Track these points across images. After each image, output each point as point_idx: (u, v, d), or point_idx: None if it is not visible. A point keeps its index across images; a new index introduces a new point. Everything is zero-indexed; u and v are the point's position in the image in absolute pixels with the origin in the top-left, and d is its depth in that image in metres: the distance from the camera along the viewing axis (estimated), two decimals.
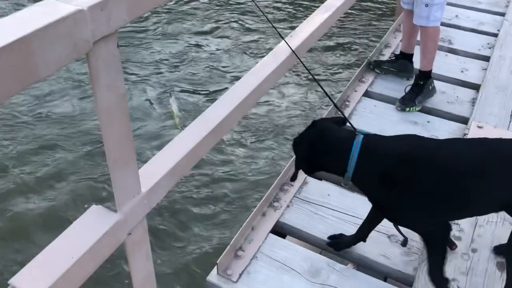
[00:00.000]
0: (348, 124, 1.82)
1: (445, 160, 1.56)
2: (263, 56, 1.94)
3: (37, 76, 0.82)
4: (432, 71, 2.91)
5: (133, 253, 1.27)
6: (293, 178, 1.82)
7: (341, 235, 2.08)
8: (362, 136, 1.62)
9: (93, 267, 1.12)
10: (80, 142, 3.98)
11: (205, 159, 3.58)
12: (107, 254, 1.15)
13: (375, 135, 1.67)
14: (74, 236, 1.11)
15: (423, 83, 2.89)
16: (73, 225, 1.13)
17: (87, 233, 1.11)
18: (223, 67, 5.11)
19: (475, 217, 2.12)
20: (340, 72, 5.06)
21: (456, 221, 2.11)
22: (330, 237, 2.09)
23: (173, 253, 2.93)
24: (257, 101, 1.78)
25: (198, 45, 5.49)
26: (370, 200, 1.73)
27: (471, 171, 1.55)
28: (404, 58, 3.14)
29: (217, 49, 5.43)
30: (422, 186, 1.56)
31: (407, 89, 2.94)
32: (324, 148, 1.66)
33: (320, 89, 2.09)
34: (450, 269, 1.90)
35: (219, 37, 5.68)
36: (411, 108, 2.89)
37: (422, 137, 1.67)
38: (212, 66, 5.10)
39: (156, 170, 1.30)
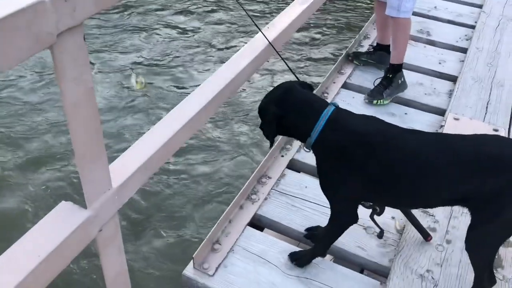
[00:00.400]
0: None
1: (396, 149, 1.57)
2: (239, 48, 1.91)
3: None
4: (411, 63, 2.92)
5: (104, 249, 1.25)
6: (271, 146, 1.79)
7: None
8: (334, 107, 1.64)
9: (62, 265, 1.09)
10: (49, 133, 3.88)
11: (180, 150, 3.53)
12: (77, 251, 1.13)
13: (345, 110, 1.69)
14: (42, 233, 1.08)
15: (391, 76, 2.86)
16: (40, 222, 1.10)
17: (55, 230, 1.08)
18: (200, 59, 5.05)
19: (450, 208, 2.15)
20: (319, 64, 5.05)
21: (431, 213, 2.13)
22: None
23: (148, 247, 2.90)
24: (232, 94, 1.76)
25: (171, 36, 5.40)
26: (318, 170, 1.73)
27: (418, 163, 1.55)
28: (382, 49, 3.14)
29: (194, 40, 5.36)
30: (366, 167, 1.58)
31: (376, 82, 2.92)
32: (293, 107, 1.64)
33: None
34: (425, 260, 1.93)
35: (194, 28, 5.60)
36: (379, 101, 2.87)
37: (387, 124, 1.66)
38: (187, 58, 5.03)
39: (128, 165, 1.27)
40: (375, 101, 2.87)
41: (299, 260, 1.94)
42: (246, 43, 1.95)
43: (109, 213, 1.21)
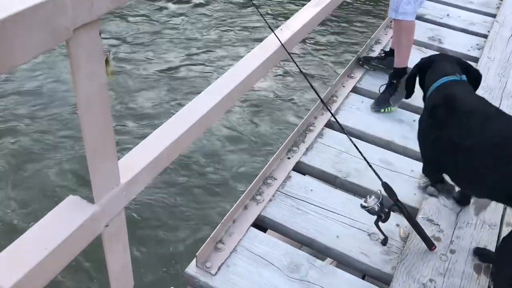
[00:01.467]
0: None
1: (480, 128, 1.71)
2: (252, 49, 1.91)
3: (13, 63, 0.79)
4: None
5: (110, 244, 1.25)
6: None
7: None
8: (454, 78, 1.92)
9: (68, 259, 1.09)
10: (60, 127, 3.90)
11: (188, 149, 3.54)
12: (83, 245, 1.13)
13: (462, 82, 1.93)
14: (49, 226, 1.08)
15: (396, 82, 2.81)
16: (48, 215, 1.10)
17: (62, 224, 1.08)
18: (210, 59, 5.05)
19: (455, 218, 2.14)
20: (330, 67, 5.04)
21: (436, 221, 2.12)
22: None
23: (152, 244, 2.90)
24: (243, 94, 1.76)
25: (182, 38, 5.40)
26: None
27: (499, 150, 1.65)
28: (393, 55, 3.12)
29: (206, 40, 5.36)
30: (446, 130, 1.79)
31: (381, 89, 2.89)
32: (431, 68, 2.03)
33: (307, 83, 2.07)
34: (428, 270, 1.92)
35: (207, 28, 5.60)
36: (386, 109, 2.83)
37: (488, 103, 1.83)
38: (199, 58, 5.04)
39: (137, 162, 1.27)
40: (382, 110, 2.84)
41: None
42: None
43: (116, 209, 1.21)
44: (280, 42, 1.93)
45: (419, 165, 2.43)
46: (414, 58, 2.62)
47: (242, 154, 3.79)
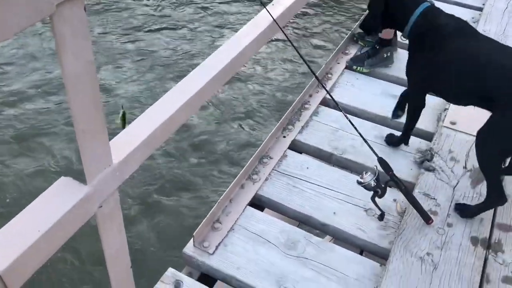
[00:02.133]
0: None
1: (463, 46, 1.89)
2: (243, 26, 1.87)
3: None
4: None
5: (104, 226, 1.24)
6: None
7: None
8: (428, 4, 2.00)
9: (61, 240, 1.08)
10: (50, 109, 3.86)
11: (182, 127, 3.51)
12: (77, 227, 1.12)
13: (437, 8, 2.03)
14: (41, 208, 1.07)
15: (378, 48, 2.93)
16: (40, 197, 1.08)
17: (55, 205, 1.07)
18: (201, 36, 4.99)
19: (452, 192, 2.14)
20: (323, 44, 4.99)
21: (432, 196, 2.12)
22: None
23: (148, 225, 2.90)
24: (236, 71, 1.73)
25: (172, 14, 5.33)
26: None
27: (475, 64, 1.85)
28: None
29: (195, 15, 5.28)
30: (436, 54, 1.93)
31: (363, 50, 3.03)
32: (396, 5, 2.05)
33: (302, 60, 2.05)
34: (425, 243, 1.93)
35: (195, 4, 5.51)
36: (358, 68, 2.95)
37: (469, 25, 1.98)
38: (187, 35, 4.97)
39: (129, 141, 1.25)
40: (355, 67, 2.96)
41: (390, 139, 2.42)
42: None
43: (109, 189, 1.19)
44: (273, 17, 1.89)
45: (415, 141, 2.43)
46: None
47: (237, 134, 3.77)
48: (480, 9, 3.59)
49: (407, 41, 2.08)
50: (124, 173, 1.23)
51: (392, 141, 2.42)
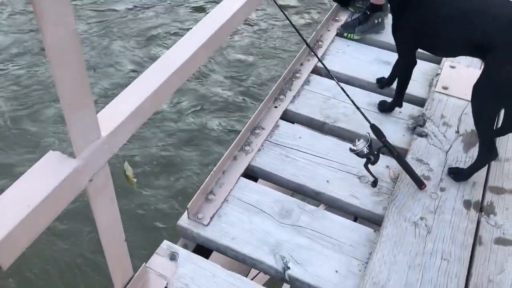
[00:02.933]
0: None
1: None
2: None
3: None
4: None
5: (95, 199, 1.23)
6: None
7: (382, 78, 2.53)
8: None
9: (52, 215, 1.07)
10: (36, 82, 3.77)
11: (172, 99, 3.45)
12: (67, 201, 1.10)
13: None
14: (30, 183, 1.05)
15: (369, 14, 2.89)
16: (28, 172, 1.06)
17: (43, 180, 1.05)
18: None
19: (444, 157, 2.14)
20: (313, 12, 4.91)
21: (425, 161, 2.12)
22: (378, 81, 2.56)
23: (142, 199, 2.89)
24: (226, 38, 1.69)
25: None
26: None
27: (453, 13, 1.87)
28: None
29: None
30: (417, 14, 1.95)
31: (354, 17, 2.98)
32: None
33: (292, 28, 2.01)
34: (419, 208, 1.94)
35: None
36: (349, 35, 2.92)
37: None
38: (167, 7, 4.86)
39: (117, 113, 1.22)
40: (345, 34, 2.93)
41: (383, 105, 2.42)
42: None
43: (99, 162, 1.18)
44: None
45: (407, 107, 2.42)
46: None
47: (228, 105, 3.73)
48: None
49: None
50: (113, 145, 1.21)
51: (385, 108, 2.41)
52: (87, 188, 1.17)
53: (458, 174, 2.05)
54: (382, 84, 2.57)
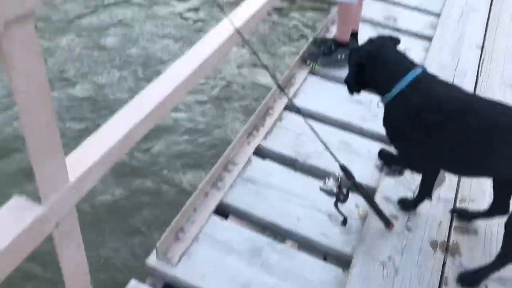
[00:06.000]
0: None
1: (472, 123, 1.62)
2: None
3: None
4: None
5: (61, 244, 1.21)
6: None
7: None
8: (421, 69, 1.73)
9: (16, 262, 1.05)
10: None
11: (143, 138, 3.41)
12: (32, 247, 1.09)
13: (432, 75, 1.76)
14: None
15: (334, 49, 2.98)
16: None
17: (7, 227, 1.04)
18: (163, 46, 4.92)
19: (411, 196, 2.19)
20: (287, 52, 5.00)
21: (393, 200, 2.16)
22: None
23: (109, 238, 2.85)
24: (198, 81, 1.72)
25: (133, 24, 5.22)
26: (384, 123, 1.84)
27: (489, 140, 1.60)
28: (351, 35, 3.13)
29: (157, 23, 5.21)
30: (439, 133, 1.65)
31: (322, 46, 3.04)
32: (381, 62, 1.76)
33: (264, 69, 2.05)
34: (387, 248, 1.97)
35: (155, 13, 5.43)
36: (312, 63, 3.00)
37: (472, 96, 1.77)
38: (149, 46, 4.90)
39: (86, 157, 1.22)
40: (308, 61, 3.02)
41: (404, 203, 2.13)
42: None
43: (66, 207, 1.17)
44: (235, 27, 1.89)
45: (376, 146, 2.48)
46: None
47: (201, 139, 3.73)
48: (438, 15, 3.68)
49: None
50: (81, 189, 1.21)
51: (407, 205, 2.12)
52: (53, 233, 1.16)
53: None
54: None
